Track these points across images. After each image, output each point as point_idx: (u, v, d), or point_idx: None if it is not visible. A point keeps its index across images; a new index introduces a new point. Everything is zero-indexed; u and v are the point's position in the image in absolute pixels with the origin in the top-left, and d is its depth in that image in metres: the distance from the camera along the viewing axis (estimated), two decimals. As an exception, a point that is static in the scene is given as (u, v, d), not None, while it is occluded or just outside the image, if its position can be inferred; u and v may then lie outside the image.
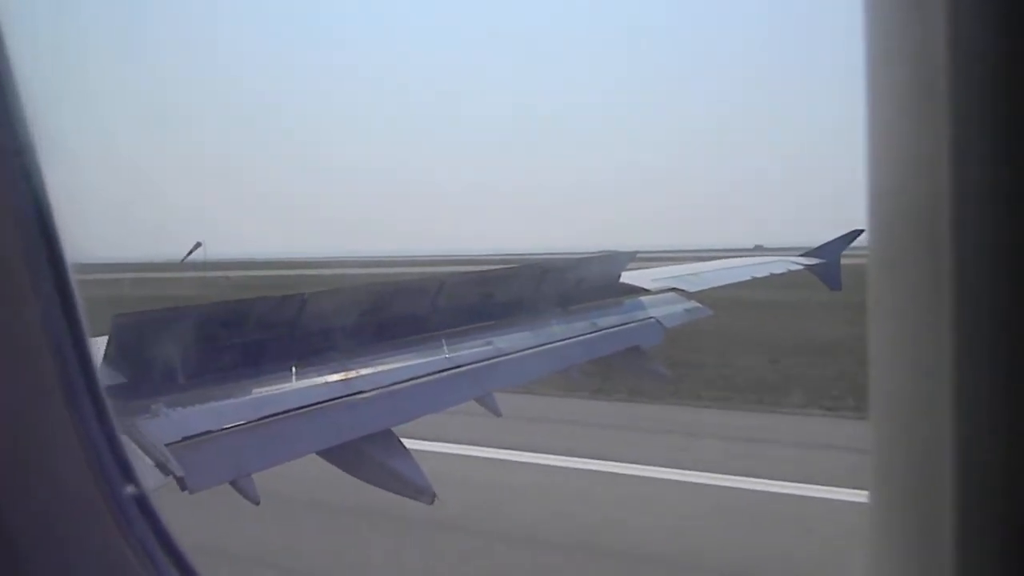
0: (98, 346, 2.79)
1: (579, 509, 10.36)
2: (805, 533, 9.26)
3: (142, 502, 1.57)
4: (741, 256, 10.39)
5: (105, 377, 2.72)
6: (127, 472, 1.56)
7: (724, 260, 9.67)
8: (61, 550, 1.37)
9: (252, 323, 3.39)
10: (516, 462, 12.36)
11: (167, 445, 2.58)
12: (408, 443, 3.47)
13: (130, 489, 1.53)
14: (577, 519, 9.94)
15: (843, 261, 9.78)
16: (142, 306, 3.57)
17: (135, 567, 1.47)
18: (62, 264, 1.41)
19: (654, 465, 11.89)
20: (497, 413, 4.25)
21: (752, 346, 21.38)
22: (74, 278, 1.44)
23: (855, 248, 9.67)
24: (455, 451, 12.02)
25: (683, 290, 6.70)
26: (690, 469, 11.65)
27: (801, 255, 10.01)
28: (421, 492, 3.40)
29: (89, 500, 1.44)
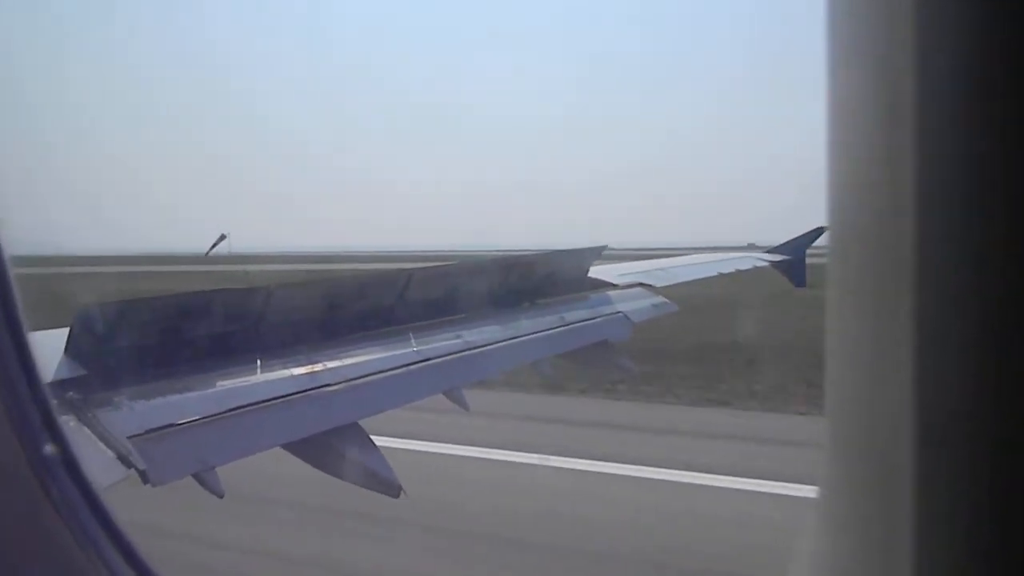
0: (60, 338, 2.74)
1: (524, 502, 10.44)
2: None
3: (70, 465, 1.55)
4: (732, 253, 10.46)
5: (66, 369, 2.68)
6: (54, 433, 1.54)
7: (692, 256, 9.77)
8: None
9: (217, 315, 3.35)
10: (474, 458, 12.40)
11: (129, 438, 2.55)
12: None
13: (51, 449, 1.50)
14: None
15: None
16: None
17: (60, 529, 1.45)
18: None
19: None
20: (465, 407, 4.25)
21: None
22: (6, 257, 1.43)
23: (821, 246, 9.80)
24: (416, 447, 11.98)
25: (650, 285, 6.75)
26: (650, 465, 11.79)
27: (767, 252, 10.12)
28: (388, 486, 3.39)
29: (11, 461, 1.41)
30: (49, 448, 1.50)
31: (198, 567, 8.40)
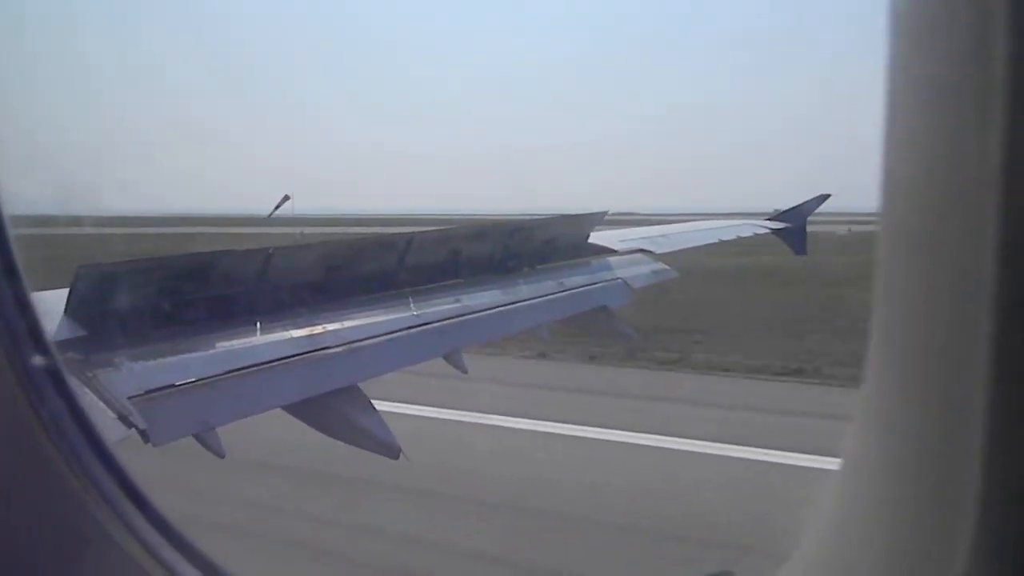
0: (60, 298, 2.74)
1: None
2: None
3: (55, 375, 1.55)
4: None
5: (66, 330, 2.68)
6: (40, 343, 1.54)
7: (693, 223, 9.73)
8: None
9: (218, 277, 3.35)
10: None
11: (130, 398, 2.56)
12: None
13: (39, 360, 1.50)
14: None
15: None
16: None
17: (44, 442, 1.45)
18: None
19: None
20: (464, 371, 4.26)
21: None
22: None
23: (824, 213, 9.77)
24: (417, 412, 12.01)
25: (650, 251, 6.73)
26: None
27: (768, 218, 10.07)
28: (386, 447, 3.41)
29: (19, 415, 1.41)
30: (37, 360, 1.49)
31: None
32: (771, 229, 9.73)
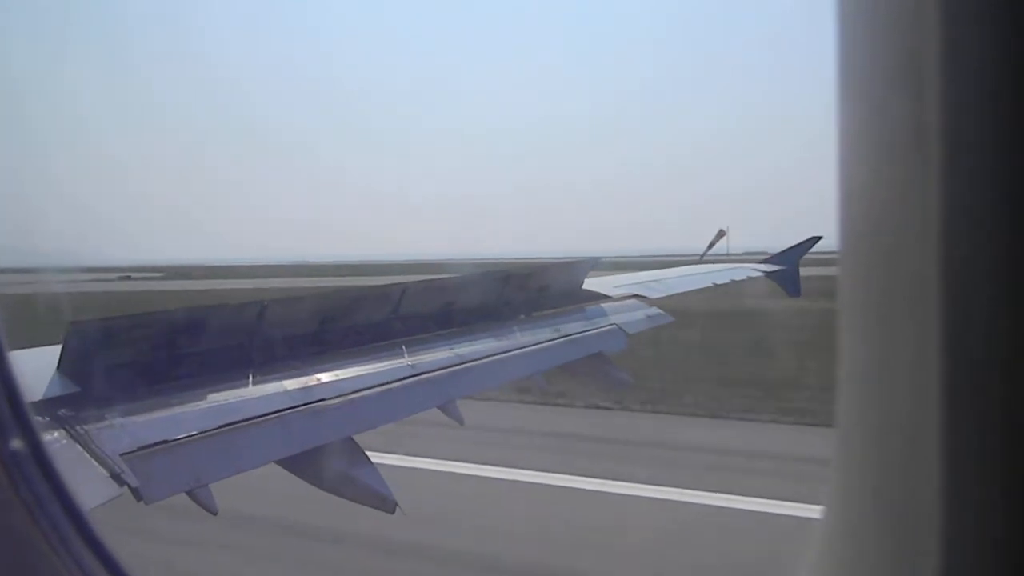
0: (52, 355, 2.72)
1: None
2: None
3: (39, 456, 1.52)
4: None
5: (58, 387, 2.65)
6: (24, 429, 1.51)
7: (687, 267, 9.76)
8: None
9: (211, 330, 3.33)
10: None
11: (122, 455, 2.52)
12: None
13: (17, 444, 1.48)
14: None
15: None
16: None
17: (27, 526, 1.42)
18: None
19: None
20: (460, 421, 4.22)
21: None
22: None
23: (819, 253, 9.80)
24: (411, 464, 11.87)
25: (645, 296, 6.74)
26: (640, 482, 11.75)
27: (761, 262, 10.12)
28: (383, 501, 3.36)
29: None
30: (17, 444, 1.47)
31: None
32: (764, 272, 9.77)
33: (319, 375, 3.50)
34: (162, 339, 3.14)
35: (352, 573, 8.90)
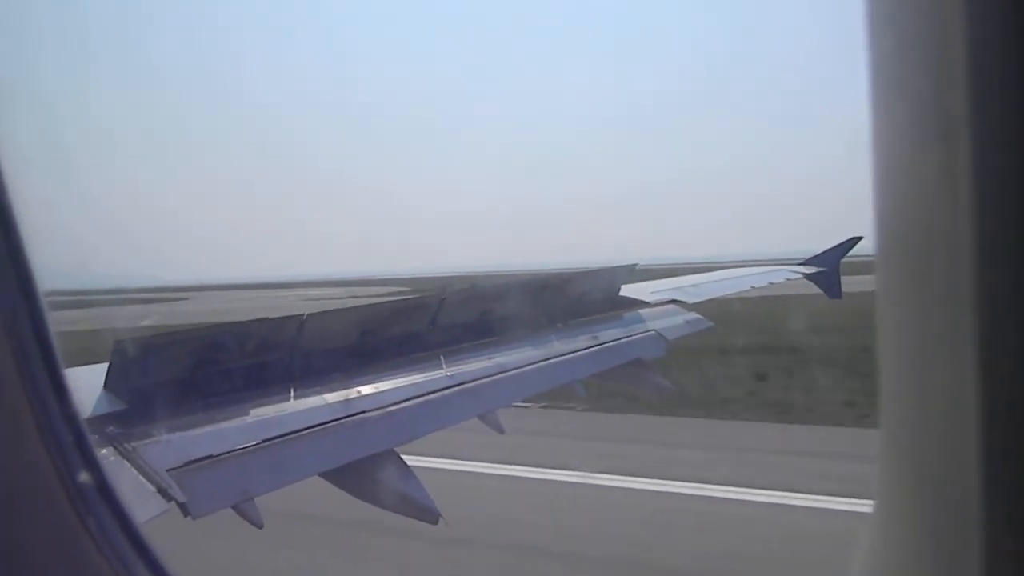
0: (98, 373, 2.78)
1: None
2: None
3: (105, 490, 1.56)
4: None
5: (105, 404, 2.70)
6: (89, 462, 1.55)
7: (724, 271, 9.66)
8: (13, 535, 1.36)
9: (252, 345, 3.37)
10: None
11: (168, 471, 2.56)
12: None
13: (87, 477, 1.51)
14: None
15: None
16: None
17: (93, 553, 1.45)
18: (23, 264, 1.43)
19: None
20: (500, 430, 4.22)
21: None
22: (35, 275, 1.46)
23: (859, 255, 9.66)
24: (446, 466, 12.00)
25: (682, 302, 6.69)
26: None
27: (800, 263, 9.98)
28: (426, 512, 3.37)
29: (48, 489, 1.42)
30: (84, 477, 1.51)
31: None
32: (803, 274, 9.63)
33: (359, 387, 3.52)
34: (205, 354, 3.18)
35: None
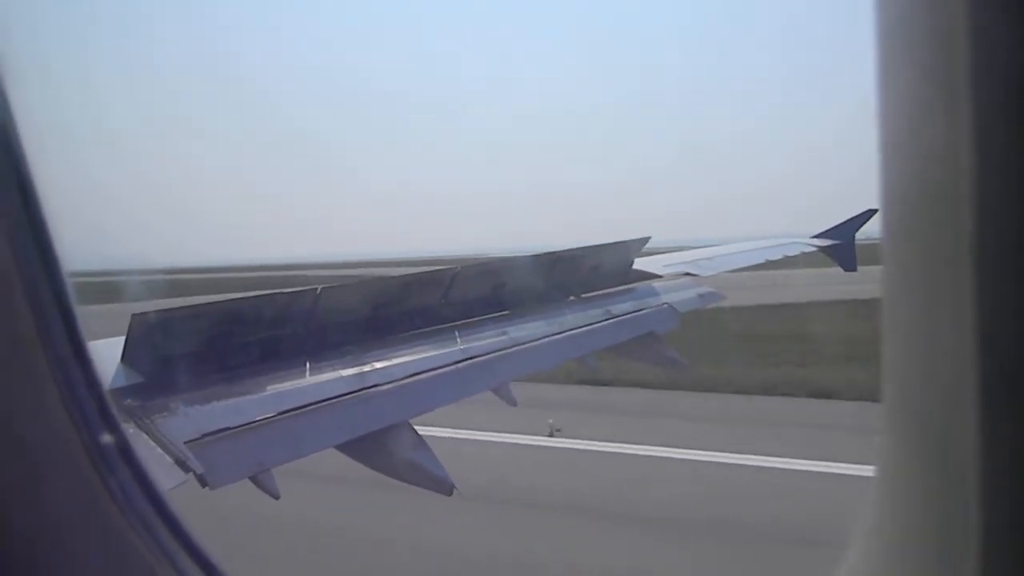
0: (116, 346, 2.80)
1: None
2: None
3: (127, 455, 1.58)
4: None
5: (123, 377, 2.74)
6: (109, 422, 1.57)
7: (738, 244, 9.60)
8: (40, 502, 1.39)
9: (267, 319, 3.39)
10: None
11: (186, 443, 2.60)
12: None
13: (108, 438, 1.54)
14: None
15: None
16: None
17: (116, 517, 1.48)
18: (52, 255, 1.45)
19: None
20: (512, 403, 4.24)
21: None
22: (62, 261, 1.47)
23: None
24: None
25: (695, 275, 6.67)
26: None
27: (815, 236, 9.90)
28: (439, 483, 3.41)
29: (70, 450, 1.45)
30: (106, 438, 1.54)
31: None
32: (818, 247, 9.56)
33: (374, 361, 3.55)
34: (220, 328, 3.21)
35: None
